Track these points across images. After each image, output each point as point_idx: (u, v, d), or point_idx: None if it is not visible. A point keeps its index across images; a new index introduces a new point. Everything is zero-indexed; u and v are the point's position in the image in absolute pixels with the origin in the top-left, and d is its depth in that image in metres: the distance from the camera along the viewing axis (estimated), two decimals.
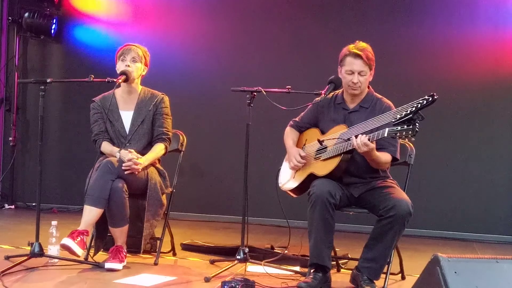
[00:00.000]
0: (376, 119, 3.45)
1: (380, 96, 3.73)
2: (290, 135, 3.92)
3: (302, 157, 3.73)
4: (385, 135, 3.26)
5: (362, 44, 3.65)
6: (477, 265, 2.44)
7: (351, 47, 3.64)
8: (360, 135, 3.36)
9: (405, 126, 3.18)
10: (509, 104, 5.91)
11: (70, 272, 3.72)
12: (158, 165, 4.23)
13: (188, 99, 6.29)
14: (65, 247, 3.67)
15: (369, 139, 3.34)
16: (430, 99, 3.19)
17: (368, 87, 3.74)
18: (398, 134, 3.20)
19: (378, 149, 3.47)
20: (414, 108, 3.19)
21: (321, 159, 3.63)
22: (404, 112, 3.22)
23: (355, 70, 3.60)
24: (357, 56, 3.59)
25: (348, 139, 3.48)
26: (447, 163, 6.00)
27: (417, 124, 3.16)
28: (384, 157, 3.52)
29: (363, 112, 3.65)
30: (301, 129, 3.93)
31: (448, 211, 5.97)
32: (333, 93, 3.77)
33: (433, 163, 5.92)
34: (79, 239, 3.68)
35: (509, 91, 5.88)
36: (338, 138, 3.56)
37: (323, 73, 3.94)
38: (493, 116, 5.94)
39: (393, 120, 3.25)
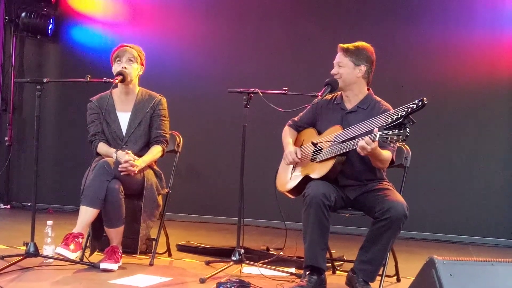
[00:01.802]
0: (369, 122, 3.45)
1: (379, 99, 3.72)
2: (288, 134, 3.92)
3: (299, 158, 3.73)
4: (377, 139, 3.27)
5: (357, 42, 3.70)
6: (473, 268, 2.45)
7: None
8: (366, 137, 3.34)
9: (396, 131, 3.19)
10: (505, 106, 5.93)
11: (65, 272, 3.71)
12: (154, 166, 4.22)
13: (185, 100, 6.28)
14: (60, 256, 3.70)
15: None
16: (420, 104, 3.20)
17: (368, 89, 3.74)
18: (389, 138, 3.21)
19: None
20: (404, 113, 3.20)
21: (316, 161, 3.64)
22: (395, 116, 3.23)
23: (334, 62, 3.71)
24: (339, 49, 3.71)
25: (342, 142, 3.49)
26: (443, 165, 6.01)
27: (407, 128, 3.17)
28: (387, 153, 3.50)
29: (360, 113, 3.64)
30: (299, 128, 3.93)
31: (444, 214, 5.98)
32: (333, 94, 3.78)
33: (429, 165, 5.94)
34: (72, 245, 3.69)
35: (505, 93, 5.91)
36: (332, 141, 3.56)
37: (320, 75, 3.94)
38: (489, 118, 5.95)
39: (384, 124, 3.26)
